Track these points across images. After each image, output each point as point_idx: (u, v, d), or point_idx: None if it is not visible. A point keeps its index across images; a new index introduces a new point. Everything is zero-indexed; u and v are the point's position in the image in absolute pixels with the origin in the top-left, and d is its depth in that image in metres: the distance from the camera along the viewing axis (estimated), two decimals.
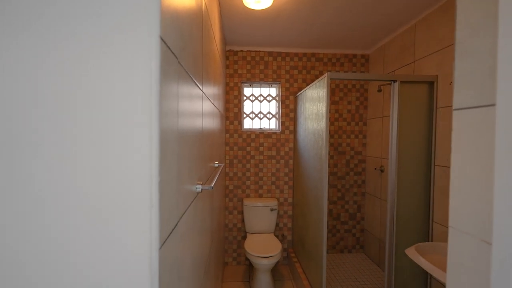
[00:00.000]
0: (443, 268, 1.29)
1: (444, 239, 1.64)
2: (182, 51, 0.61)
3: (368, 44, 2.44)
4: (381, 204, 2.36)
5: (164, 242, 0.47)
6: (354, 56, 2.61)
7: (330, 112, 2.60)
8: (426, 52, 1.81)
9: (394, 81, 1.67)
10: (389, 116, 2.24)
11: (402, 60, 2.07)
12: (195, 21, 0.82)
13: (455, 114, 0.50)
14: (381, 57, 2.39)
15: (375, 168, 2.43)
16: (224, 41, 2.30)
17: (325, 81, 1.63)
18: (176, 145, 0.56)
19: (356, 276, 2.26)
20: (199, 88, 0.91)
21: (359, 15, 1.87)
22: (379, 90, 2.23)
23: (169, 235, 0.50)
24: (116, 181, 0.40)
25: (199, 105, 0.92)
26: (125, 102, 0.40)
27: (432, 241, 1.72)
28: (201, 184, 0.87)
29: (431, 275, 1.72)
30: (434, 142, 1.71)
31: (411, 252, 1.37)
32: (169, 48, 0.49)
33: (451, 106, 1.60)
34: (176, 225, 0.56)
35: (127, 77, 0.40)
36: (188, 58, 0.70)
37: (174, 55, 0.53)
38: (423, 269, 1.75)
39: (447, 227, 1.67)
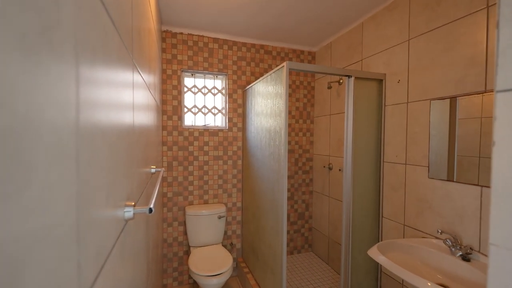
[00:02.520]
0: (403, 266, 1.28)
1: (393, 234, 1.67)
2: None
3: (315, 41, 2.40)
4: (329, 202, 2.36)
5: None
6: (302, 52, 2.56)
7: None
8: (373, 51, 1.84)
9: (349, 76, 1.63)
10: (336, 114, 2.24)
11: (349, 58, 2.09)
12: None
13: (499, 97, 0.36)
14: (328, 55, 2.39)
15: (324, 166, 2.42)
16: (160, 18, 1.90)
17: (284, 71, 1.45)
18: (73, 149, 0.25)
19: (309, 278, 2.19)
20: (130, 56, 0.58)
21: (309, 5, 1.77)
22: (329, 87, 2.21)
23: None
24: None
25: (129, 84, 0.59)
26: None
27: (382, 235, 1.76)
28: (133, 206, 0.55)
29: (381, 271, 1.75)
30: (383, 139, 1.74)
31: (373, 252, 1.32)
32: None
33: (398, 103, 1.64)
34: None
35: None
36: None
37: None
38: (375, 265, 1.77)
39: (395, 222, 1.72)
